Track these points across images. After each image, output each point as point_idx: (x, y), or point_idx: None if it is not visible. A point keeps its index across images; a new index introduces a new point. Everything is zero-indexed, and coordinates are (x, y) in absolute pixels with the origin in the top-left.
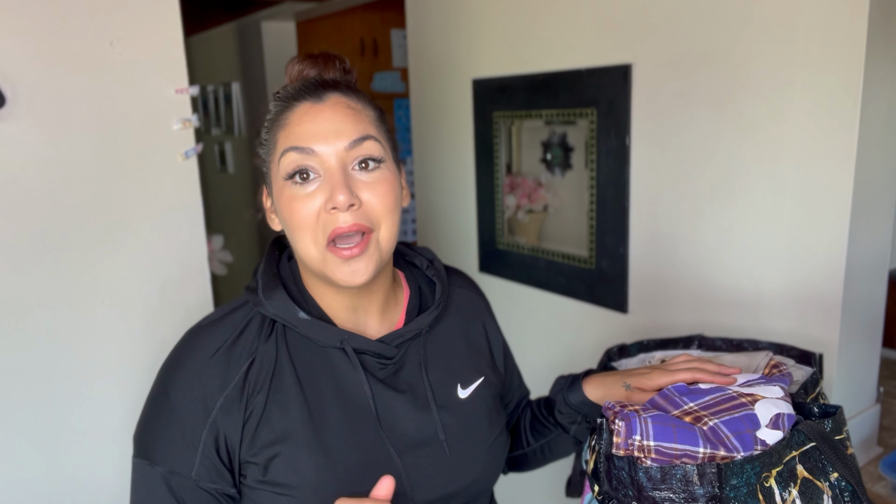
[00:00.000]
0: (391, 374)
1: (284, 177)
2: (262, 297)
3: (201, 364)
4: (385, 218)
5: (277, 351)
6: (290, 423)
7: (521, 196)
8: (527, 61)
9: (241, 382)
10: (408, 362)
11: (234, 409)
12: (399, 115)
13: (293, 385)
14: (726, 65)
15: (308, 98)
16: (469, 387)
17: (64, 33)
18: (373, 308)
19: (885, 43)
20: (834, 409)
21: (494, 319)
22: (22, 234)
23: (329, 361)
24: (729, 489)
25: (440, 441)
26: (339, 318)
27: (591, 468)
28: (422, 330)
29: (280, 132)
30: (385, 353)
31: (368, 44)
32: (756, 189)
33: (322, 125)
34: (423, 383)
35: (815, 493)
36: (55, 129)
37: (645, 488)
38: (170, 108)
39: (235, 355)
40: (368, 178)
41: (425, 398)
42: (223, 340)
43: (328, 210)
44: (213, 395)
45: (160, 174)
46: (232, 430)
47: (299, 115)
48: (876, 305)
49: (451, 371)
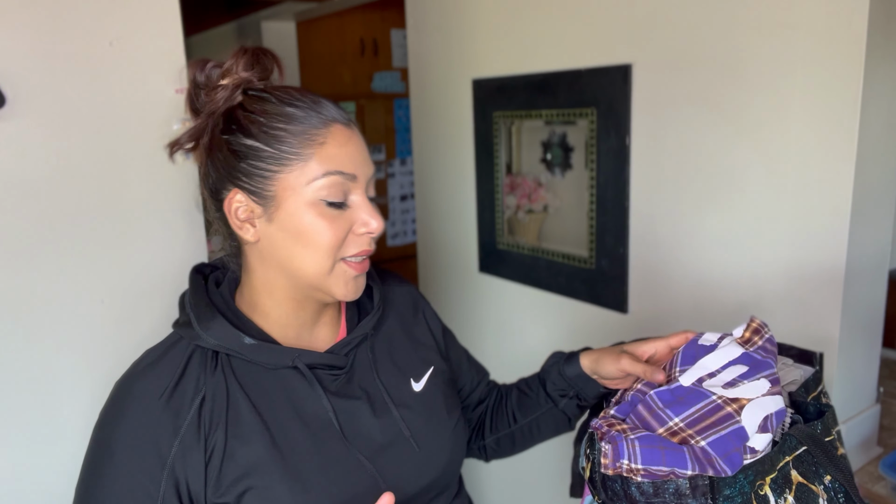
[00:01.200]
0: (344, 384)
1: (321, 197)
2: (199, 330)
3: (146, 411)
4: None
5: (227, 382)
6: (255, 454)
7: (521, 196)
8: (527, 61)
9: (195, 422)
10: (358, 368)
11: (193, 451)
12: (399, 115)
13: (250, 414)
14: (726, 65)
15: (340, 119)
16: (421, 379)
17: (64, 33)
18: (326, 319)
19: (885, 43)
20: (825, 408)
21: (431, 308)
22: (21, 234)
23: (282, 383)
24: (722, 500)
25: (406, 438)
26: (286, 338)
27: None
28: (367, 334)
29: (315, 148)
30: (337, 364)
31: (368, 44)
32: (756, 189)
33: (359, 152)
34: (377, 385)
35: (811, 498)
36: (55, 129)
37: (638, 502)
38: (170, 108)
39: (183, 395)
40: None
41: (382, 400)
42: (166, 383)
43: (359, 233)
44: (167, 442)
45: (160, 174)
46: (193, 474)
47: (338, 136)
48: (876, 305)
49: (400, 368)
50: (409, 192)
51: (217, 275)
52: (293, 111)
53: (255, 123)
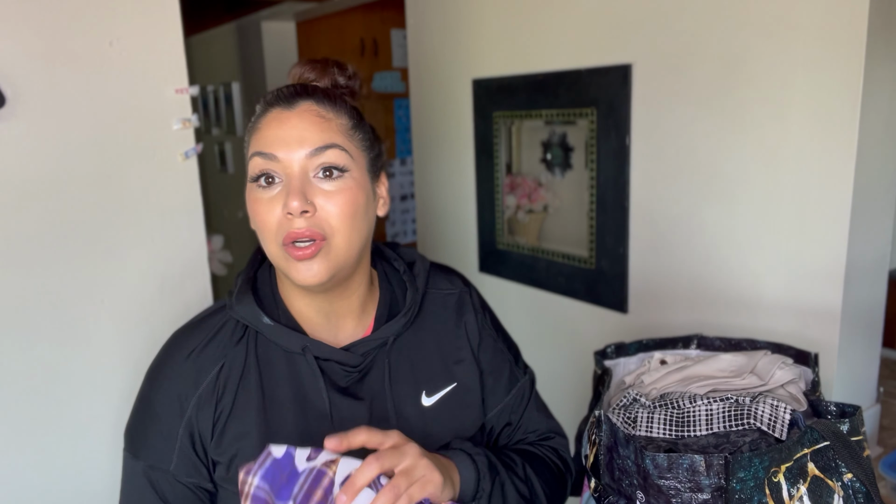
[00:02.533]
0: (355, 382)
1: (250, 179)
2: (234, 302)
3: (177, 366)
4: (340, 226)
5: (246, 355)
6: (248, 425)
7: (521, 196)
8: (527, 61)
9: (212, 383)
10: (373, 369)
11: (207, 407)
12: (399, 115)
13: (256, 389)
14: (726, 65)
15: (280, 105)
16: (435, 394)
17: (64, 33)
18: (346, 312)
19: (885, 43)
20: (853, 409)
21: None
22: (22, 234)
23: (293, 367)
24: (735, 482)
25: None
26: (311, 324)
27: (590, 462)
28: (387, 339)
29: (252, 136)
30: (348, 362)
31: (368, 44)
32: (756, 189)
33: (287, 132)
34: (385, 392)
35: (826, 492)
36: (55, 129)
37: (651, 476)
38: (170, 108)
39: (208, 358)
40: (329, 186)
41: (384, 407)
42: (196, 343)
43: (285, 215)
44: (188, 395)
45: (160, 174)
46: (205, 427)
47: (269, 120)
48: (876, 305)
49: (416, 379)
50: (409, 192)
51: None
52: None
53: None
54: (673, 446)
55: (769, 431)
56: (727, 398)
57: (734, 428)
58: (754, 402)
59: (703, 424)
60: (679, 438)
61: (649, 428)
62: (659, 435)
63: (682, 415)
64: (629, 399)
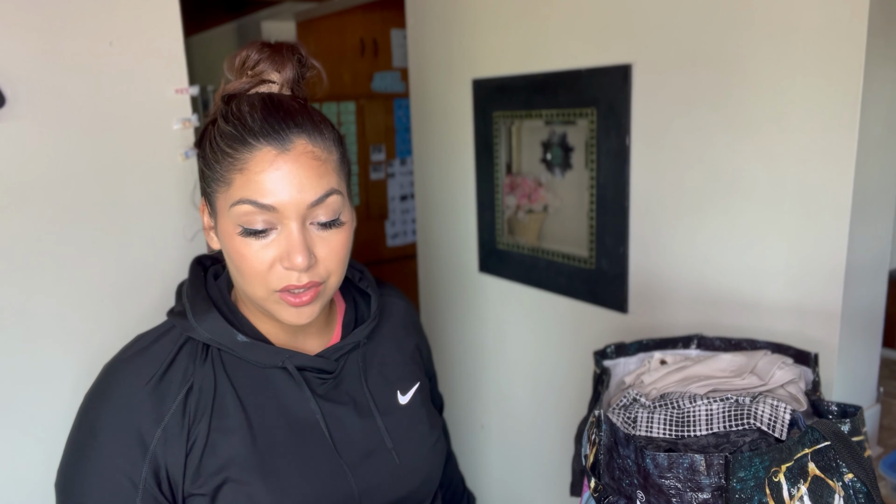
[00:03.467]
0: (332, 389)
1: (239, 223)
2: (194, 322)
3: (131, 397)
4: (337, 269)
5: (216, 375)
6: (235, 449)
7: (521, 196)
8: (527, 61)
9: (180, 411)
10: (347, 375)
11: (176, 440)
12: (399, 115)
13: (236, 409)
14: (726, 65)
15: (270, 142)
16: (408, 392)
17: (64, 33)
18: (311, 331)
19: (885, 43)
20: (854, 409)
21: (421, 326)
22: (21, 234)
23: (271, 383)
24: (736, 481)
25: (388, 449)
26: (277, 341)
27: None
28: (360, 342)
29: (235, 174)
30: (325, 368)
31: (368, 44)
32: (756, 189)
33: (286, 180)
34: (364, 393)
35: (826, 492)
36: (55, 129)
37: (651, 475)
38: (170, 108)
39: (170, 384)
40: (327, 234)
41: (368, 408)
42: (154, 370)
43: (284, 266)
44: (150, 429)
45: (160, 174)
46: (174, 462)
47: (259, 161)
48: (876, 305)
49: (388, 379)
50: (409, 192)
51: (217, 268)
52: (231, 130)
53: (210, 138)
54: (673, 446)
55: (769, 431)
56: (727, 398)
57: (734, 428)
58: (754, 402)
59: (703, 424)
60: (679, 438)
61: (649, 428)
62: (659, 435)
63: (682, 415)
64: (629, 399)
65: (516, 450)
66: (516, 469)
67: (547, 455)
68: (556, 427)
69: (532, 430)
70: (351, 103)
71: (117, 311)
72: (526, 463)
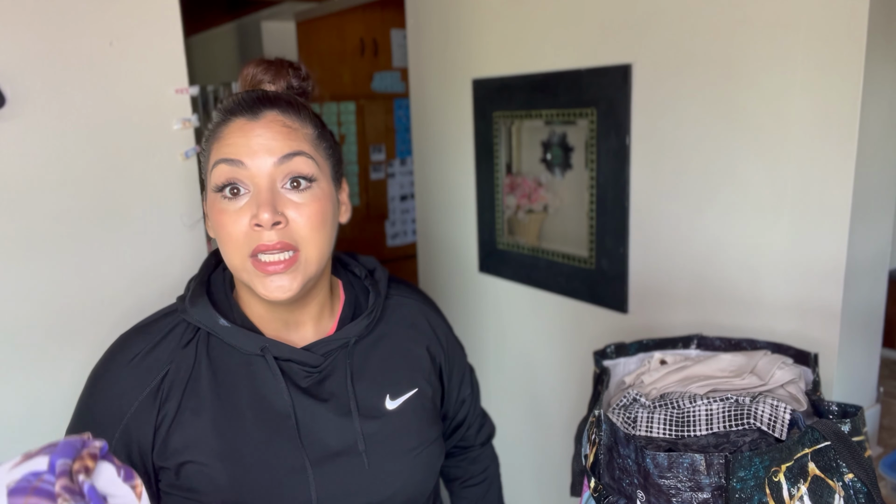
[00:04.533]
0: (316, 383)
1: (215, 188)
2: (188, 305)
3: (119, 371)
4: (312, 237)
5: (196, 358)
6: (201, 430)
7: (521, 196)
8: (527, 61)
9: (155, 388)
10: (335, 371)
11: (147, 414)
12: (399, 115)
13: (209, 392)
14: (726, 65)
15: (244, 114)
16: (399, 398)
17: (64, 33)
18: (304, 319)
19: (885, 43)
20: (854, 409)
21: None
22: (21, 234)
23: (250, 370)
24: (736, 481)
25: (359, 452)
26: (269, 329)
27: (590, 462)
28: (349, 339)
29: (214, 144)
30: (309, 361)
31: (368, 44)
32: (756, 189)
33: (253, 140)
34: (348, 392)
35: (826, 492)
36: (55, 129)
37: (652, 475)
38: (170, 108)
39: (153, 361)
40: (298, 197)
41: (348, 408)
42: (141, 348)
43: (253, 227)
44: (128, 401)
45: (160, 174)
46: (144, 435)
47: (233, 129)
48: (876, 305)
49: (379, 381)
50: (409, 192)
51: None
52: (214, 114)
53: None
54: (673, 446)
55: (769, 431)
56: (727, 398)
57: (734, 428)
58: (754, 402)
59: (703, 424)
60: (679, 438)
61: (649, 428)
62: (659, 435)
63: (682, 415)
64: (629, 399)
65: (516, 450)
66: (516, 469)
67: (547, 455)
68: (556, 427)
69: (532, 429)
70: (351, 103)
71: (117, 309)
72: (526, 463)
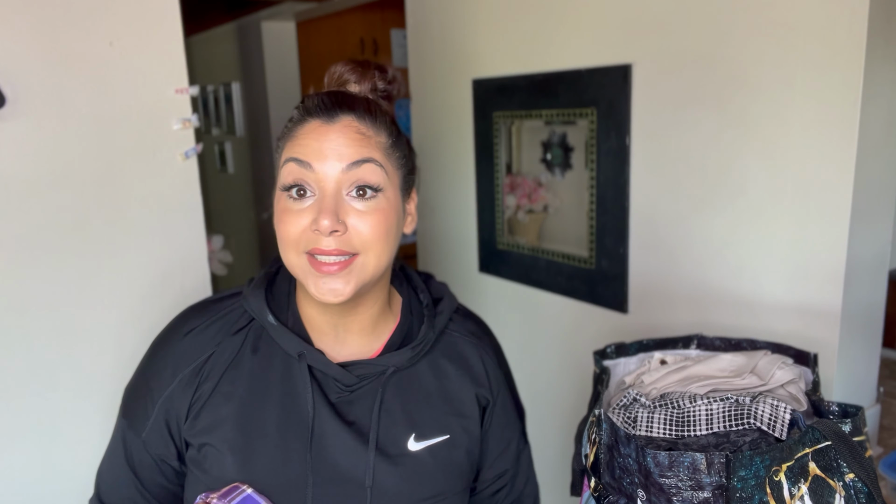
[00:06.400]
0: (346, 401)
1: (282, 187)
2: (249, 292)
3: (175, 342)
4: (371, 246)
5: (242, 347)
6: (225, 417)
7: (521, 196)
8: (527, 61)
9: (199, 366)
10: (366, 396)
11: (187, 389)
12: (399, 115)
13: (243, 382)
14: (726, 65)
15: (320, 116)
16: (424, 441)
17: (64, 33)
18: (355, 329)
19: (885, 43)
20: (855, 409)
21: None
22: (21, 234)
23: (288, 370)
24: (736, 480)
25: (364, 487)
26: (318, 332)
27: (590, 462)
28: (387, 368)
29: (288, 142)
30: (343, 380)
31: (368, 44)
32: (756, 189)
33: (325, 144)
34: (371, 422)
35: (827, 492)
36: (55, 129)
37: (652, 474)
38: (170, 108)
39: (204, 340)
40: (362, 205)
41: (366, 438)
42: (198, 324)
43: (312, 230)
44: (175, 372)
45: (160, 174)
46: (181, 407)
47: (307, 130)
48: (876, 305)
49: (408, 419)
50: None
51: None
52: (293, 113)
53: None
54: (673, 446)
55: (769, 431)
56: (727, 398)
57: (734, 428)
58: (754, 401)
59: (703, 424)
60: (679, 438)
61: (649, 428)
62: (659, 435)
63: (682, 415)
64: (629, 399)
65: None
66: None
67: (547, 455)
68: (556, 427)
69: (532, 429)
70: None
71: (116, 309)
72: None
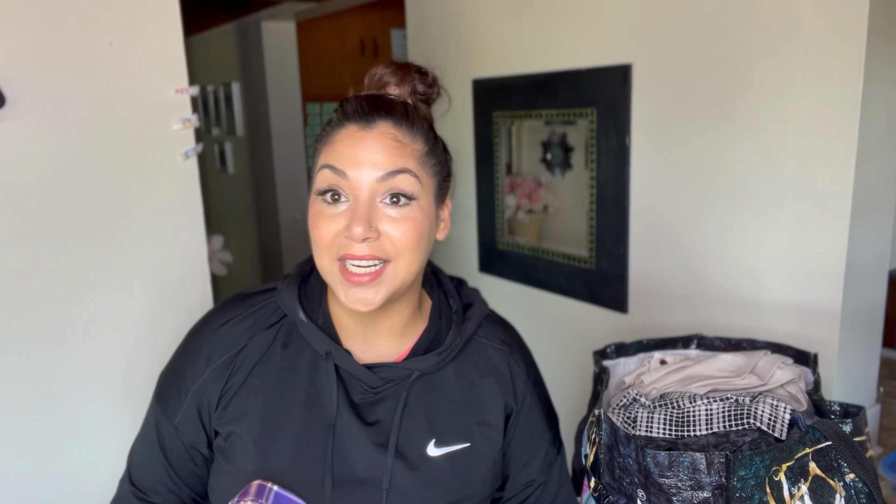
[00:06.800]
0: (369, 403)
1: (317, 191)
2: (283, 288)
3: (212, 331)
4: (403, 253)
5: (273, 341)
6: (252, 408)
7: (521, 196)
8: (527, 61)
9: (231, 358)
10: (390, 398)
11: (219, 378)
12: None
13: (271, 376)
14: (726, 65)
15: (357, 121)
16: (443, 447)
17: (64, 33)
18: (384, 332)
19: (885, 43)
20: (856, 409)
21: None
22: (22, 234)
23: (316, 368)
24: (736, 480)
25: (381, 489)
26: (347, 332)
27: (590, 462)
28: (412, 372)
29: (325, 147)
30: (368, 382)
31: (368, 44)
32: (756, 189)
33: (360, 152)
34: (393, 425)
35: (827, 492)
36: (55, 129)
37: (652, 474)
38: (170, 108)
39: (239, 332)
40: (395, 213)
41: (387, 441)
42: (235, 315)
43: (345, 235)
44: (210, 361)
45: (160, 174)
46: (212, 396)
47: (344, 136)
48: (876, 305)
49: (429, 424)
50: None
51: None
52: (332, 117)
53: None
54: (673, 446)
55: (769, 431)
56: (727, 398)
57: (734, 428)
58: (754, 401)
59: (703, 424)
60: (679, 438)
61: (649, 428)
62: (659, 435)
63: (682, 415)
64: (629, 399)
65: None
66: None
67: None
68: None
69: None
70: None
71: (116, 310)
72: None
